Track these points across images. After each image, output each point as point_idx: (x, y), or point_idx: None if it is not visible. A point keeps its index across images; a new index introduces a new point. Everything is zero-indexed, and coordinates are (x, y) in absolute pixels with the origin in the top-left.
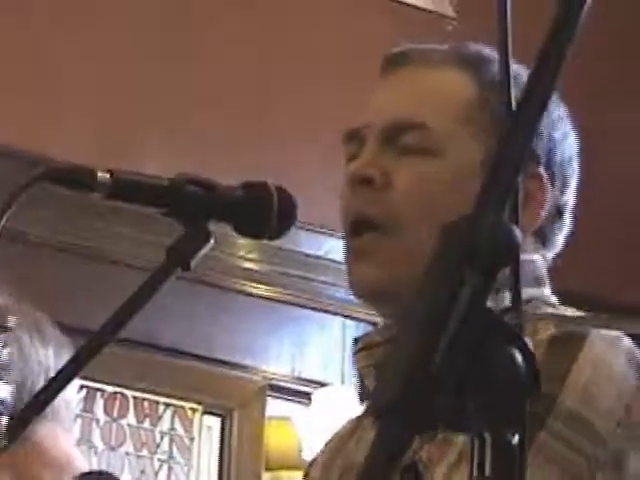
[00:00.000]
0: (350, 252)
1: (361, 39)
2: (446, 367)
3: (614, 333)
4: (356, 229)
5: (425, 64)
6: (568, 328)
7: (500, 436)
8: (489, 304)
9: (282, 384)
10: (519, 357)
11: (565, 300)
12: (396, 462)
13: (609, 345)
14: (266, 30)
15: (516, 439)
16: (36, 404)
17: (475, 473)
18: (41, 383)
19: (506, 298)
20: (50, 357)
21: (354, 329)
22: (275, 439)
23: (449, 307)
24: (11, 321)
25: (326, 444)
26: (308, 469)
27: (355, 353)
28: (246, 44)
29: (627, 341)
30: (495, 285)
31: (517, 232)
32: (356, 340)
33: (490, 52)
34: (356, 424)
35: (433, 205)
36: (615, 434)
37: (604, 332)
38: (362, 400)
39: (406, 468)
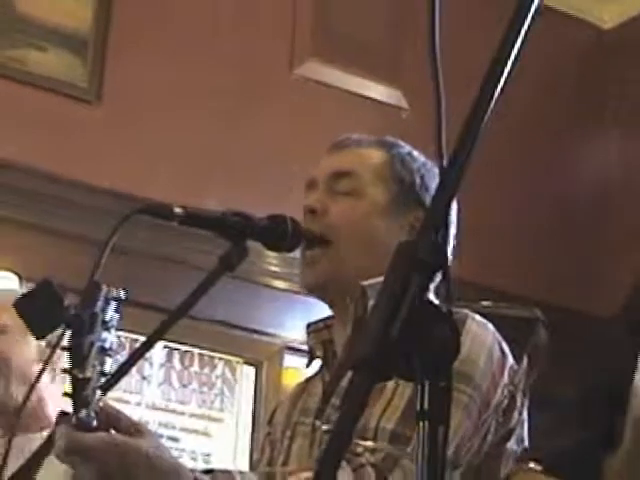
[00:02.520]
0: (302, 261)
1: (329, 127)
2: (400, 337)
3: (483, 319)
4: (307, 244)
5: (357, 145)
6: (455, 315)
7: (435, 383)
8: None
9: (295, 345)
10: (448, 331)
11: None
12: (364, 401)
13: (482, 327)
14: (292, 109)
15: (444, 385)
16: (128, 362)
17: (418, 407)
18: None
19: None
20: None
21: None
22: (290, 382)
23: (402, 297)
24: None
25: (287, 396)
26: (272, 414)
27: (308, 334)
28: (288, 115)
29: (491, 325)
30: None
31: (447, 249)
32: (308, 325)
33: (400, 141)
34: (306, 382)
35: (354, 228)
36: (485, 385)
37: (477, 317)
38: (309, 364)
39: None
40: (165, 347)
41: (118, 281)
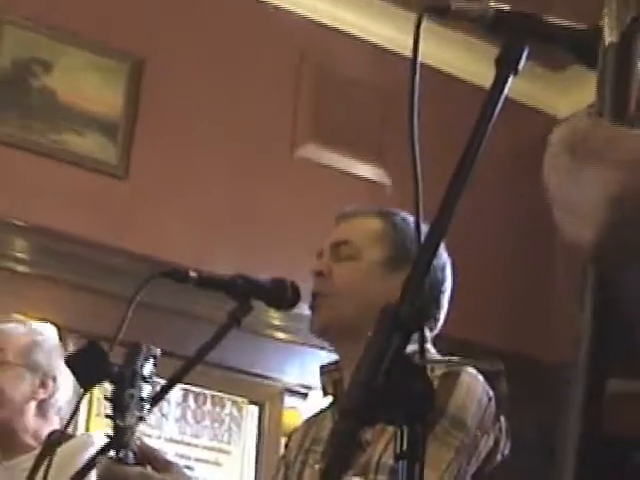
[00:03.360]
0: (310, 309)
1: (324, 201)
2: (382, 388)
3: (475, 371)
4: (314, 297)
5: (355, 216)
6: (451, 369)
7: (412, 427)
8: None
9: (293, 388)
10: (423, 384)
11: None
12: (352, 443)
13: (473, 378)
14: (283, 189)
15: (420, 429)
16: (153, 400)
17: (397, 448)
18: None
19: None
20: None
21: (328, 357)
22: (289, 420)
23: (384, 353)
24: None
25: (302, 424)
26: (289, 436)
27: (321, 374)
28: (289, 190)
29: (480, 376)
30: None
31: (421, 312)
32: (321, 367)
33: (394, 211)
34: (319, 414)
35: (353, 287)
36: (475, 429)
37: (470, 370)
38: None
39: (355, 444)
40: (182, 389)
41: (142, 332)
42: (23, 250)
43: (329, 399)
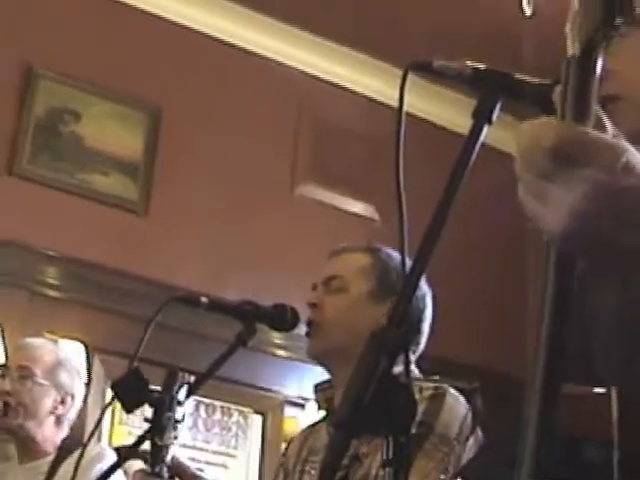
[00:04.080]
0: (307, 336)
1: (320, 234)
2: (371, 404)
3: (457, 393)
4: (309, 326)
5: (345, 252)
6: (437, 391)
7: (397, 438)
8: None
9: (293, 400)
10: (407, 400)
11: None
12: (344, 452)
13: (456, 400)
14: (282, 223)
15: (404, 440)
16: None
17: (384, 457)
18: None
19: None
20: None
21: (323, 372)
22: (288, 428)
23: (372, 373)
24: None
25: (299, 434)
26: (287, 447)
27: (315, 392)
28: (289, 224)
29: (461, 397)
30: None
31: (405, 337)
32: (315, 385)
33: (380, 247)
34: (313, 426)
35: (342, 316)
36: (458, 444)
37: (452, 391)
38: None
39: (353, 456)
40: (194, 400)
41: (158, 350)
42: (55, 277)
43: (323, 412)
